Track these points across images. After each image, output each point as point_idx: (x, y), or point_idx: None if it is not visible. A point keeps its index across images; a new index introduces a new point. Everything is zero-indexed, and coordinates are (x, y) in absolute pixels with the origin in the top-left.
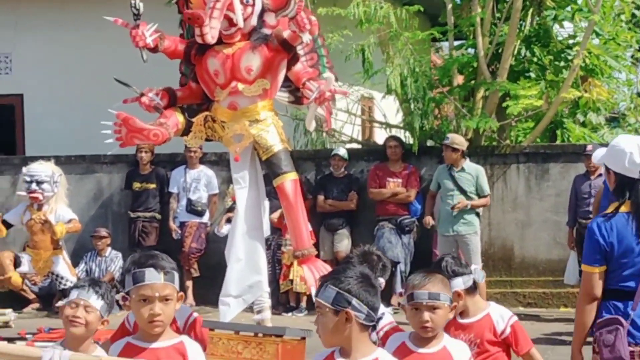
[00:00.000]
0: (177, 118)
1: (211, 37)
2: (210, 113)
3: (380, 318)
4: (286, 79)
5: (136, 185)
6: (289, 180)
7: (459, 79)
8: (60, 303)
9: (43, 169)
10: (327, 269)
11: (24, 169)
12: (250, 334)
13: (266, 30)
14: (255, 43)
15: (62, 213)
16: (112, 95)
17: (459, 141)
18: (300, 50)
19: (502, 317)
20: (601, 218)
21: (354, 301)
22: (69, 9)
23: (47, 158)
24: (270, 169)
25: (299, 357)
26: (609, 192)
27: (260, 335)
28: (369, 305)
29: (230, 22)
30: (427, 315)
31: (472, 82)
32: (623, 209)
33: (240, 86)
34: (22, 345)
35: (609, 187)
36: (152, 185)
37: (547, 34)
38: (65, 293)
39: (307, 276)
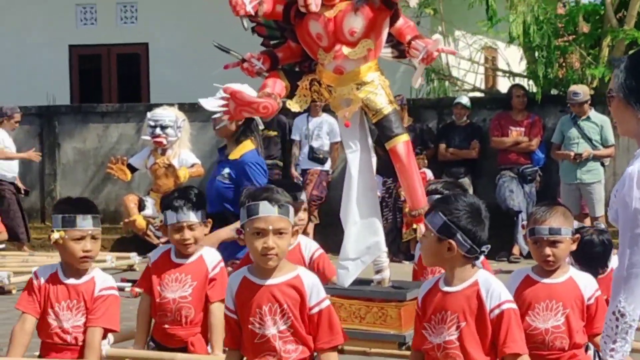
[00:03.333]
0: (281, 84)
1: (315, 5)
2: (316, 76)
3: (483, 251)
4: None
5: None
6: (401, 143)
7: (584, 27)
8: (159, 226)
9: (167, 114)
10: None
11: (149, 114)
12: (372, 299)
13: None
14: (357, 4)
15: (185, 157)
16: (234, 45)
17: (584, 91)
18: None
19: None
20: None
21: (459, 234)
22: None
23: (171, 104)
24: (380, 132)
25: None
26: None
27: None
28: (474, 240)
29: None
30: (548, 249)
31: (599, 30)
32: None
33: (346, 50)
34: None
35: None
36: (274, 133)
37: None
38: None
39: None
